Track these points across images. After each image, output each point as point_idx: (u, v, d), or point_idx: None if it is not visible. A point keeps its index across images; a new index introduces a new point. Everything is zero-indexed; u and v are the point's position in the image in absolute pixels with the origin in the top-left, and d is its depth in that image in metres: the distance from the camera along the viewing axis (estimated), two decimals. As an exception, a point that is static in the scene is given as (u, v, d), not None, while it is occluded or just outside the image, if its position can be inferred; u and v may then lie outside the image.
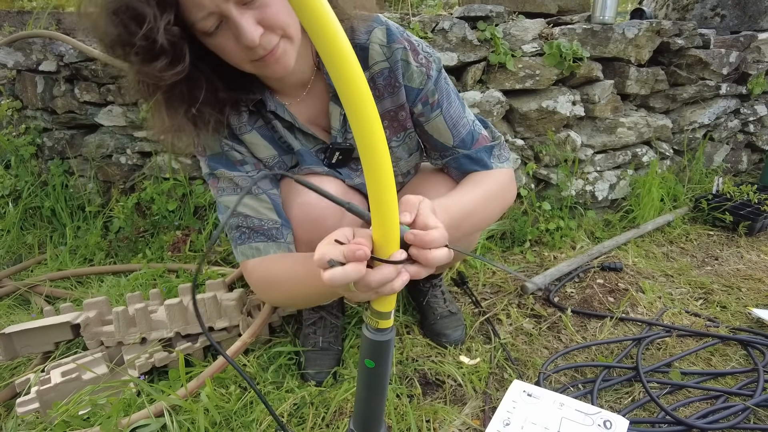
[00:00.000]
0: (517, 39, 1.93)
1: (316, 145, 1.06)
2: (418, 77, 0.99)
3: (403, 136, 1.08)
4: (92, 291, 1.75)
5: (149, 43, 0.71)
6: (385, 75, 0.98)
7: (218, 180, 1.01)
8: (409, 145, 1.12)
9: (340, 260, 0.53)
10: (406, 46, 0.96)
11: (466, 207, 0.91)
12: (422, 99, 1.01)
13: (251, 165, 1.02)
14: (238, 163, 1.01)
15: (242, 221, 0.99)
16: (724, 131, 2.50)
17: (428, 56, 1.00)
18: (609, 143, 2.11)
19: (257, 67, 0.83)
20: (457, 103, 1.05)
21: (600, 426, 1.04)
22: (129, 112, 2.07)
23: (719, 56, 2.24)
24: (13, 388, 1.23)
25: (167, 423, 1.04)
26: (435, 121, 1.04)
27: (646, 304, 1.56)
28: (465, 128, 1.05)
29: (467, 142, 1.05)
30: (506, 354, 1.33)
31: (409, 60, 0.97)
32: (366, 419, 0.66)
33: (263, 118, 1.01)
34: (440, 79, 1.02)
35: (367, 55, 0.96)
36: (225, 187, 1.01)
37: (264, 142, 1.02)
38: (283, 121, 1.01)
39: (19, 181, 2.19)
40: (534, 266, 1.82)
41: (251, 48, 0.78)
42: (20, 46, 2.11)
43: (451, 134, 1.05)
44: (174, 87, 0.81)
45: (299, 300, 0.93)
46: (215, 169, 1.00)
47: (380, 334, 0.59)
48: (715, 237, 2.09)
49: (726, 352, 1.34)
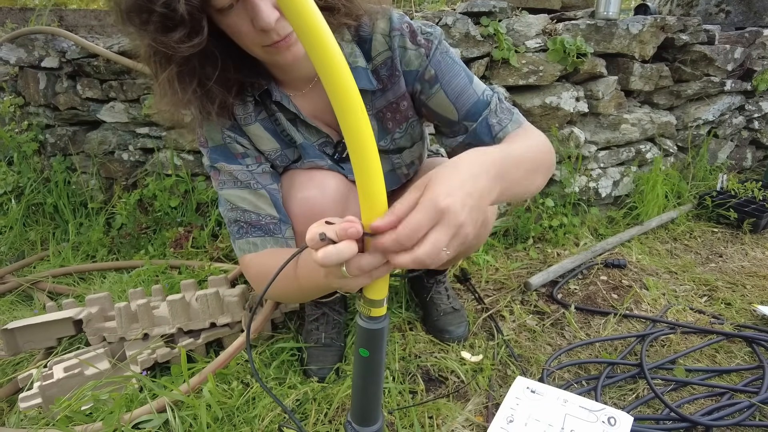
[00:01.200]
0: (520, 35, 1.92)
1: (319, 139, 1.05)
2: (416, 59, 0.96)
3: (406, 126, 1.07)
4: (95, 287, 1.75)
5: (169, 12, 0.70)
6: (388, 65, 0.97)
7: (219, 173, 1.01)
8: (412, 135, 1.10)
9: (332, 238, 0.51)
10: (404, 32, 0.94)
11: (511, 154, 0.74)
12: (419, 77, 0.98)
13: (252, 158, 1.01)
14: (239, 156, 1.00)
15: (240, 215, 0.99)
16: (728, 128, 2.49)
17: (427, 36, 0.96)
18: (613, 140, 2.10)
19: (268, 52, 0.82)
20: (462, 75, 0.98)
21: (604, 422, 1.03)
22: (131, 109, 2.06)
23: (724, 52, 2.23)
24: (15, 383, 1.23)
25: (169, 418, 1.04)
26: (436, 96, 0.99)
27: (650, 301, 1.56)
28: (470, 99, 0.98)
29: (474, 113, 0.98)
30: (509, 351, 1.33)
31: (406, 46, 0.95)
32: (363, 409, 0.65)
33: (267, 110, 1.00)
34: (437, 53, 0.97)
35: (370, 47, 0.96)
36: (225, 180, 1.00)
37: (267, 134, 1.01)
38: (287, 113, 1.01)
39: (22, 178, 2.20)
40: (537, 263, 1.81)
41: (265, 31, 0.77)
42: (22, 42, 2.11)
43: (454, 107, 0.98)
44: (188, 60, 0.80)
45: (294, 294, 0.91)
46: (216, 162, 1.00)
47: (374, 322, 0.59)
48: (720, 234, 2.08)
49: (731, 349, 1.33)
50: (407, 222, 0.51)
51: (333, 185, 1.03)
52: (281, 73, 0.96)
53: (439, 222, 0.52)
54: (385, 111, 1.02)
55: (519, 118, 0.98)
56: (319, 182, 1.02)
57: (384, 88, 0.99)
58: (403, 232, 0.51)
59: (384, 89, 0.99)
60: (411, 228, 0.51)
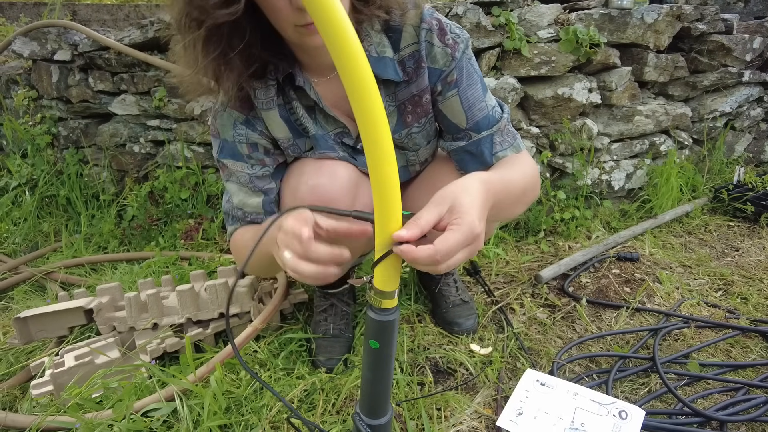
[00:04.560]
0: (532, 24, 1.89)
1: (336, 129, 1.04)
2: (441, 58, 0.97)
3: (425, 121, 1.07)
4: (106, 278, 1.77)
5: None
6: (415, 58, 0.97)
7: (226, 167, 1.06)
8: (428, 131, 1.10)
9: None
10: (433, 27, 0.95)
11: (507, 187, 0.87)
12: (442, 79, 0.99)
13: (256, 160, 1.04)
14: (244, 156, 1.03)
15: (230, 209, 1.09)
16: (746, 120, 2.43)
17: (456, 37, 0.97)
18: (626, 132, 2.06)
19: (299, 32, 0.81)
20: (478, 86, 1.02)
21: (615, 416, 1.01)
22: (142, 101, 2.08)
23: (742, 42, 2.17)
24: (28, 371, 1.25)
25: (178, 407, 1.04)
26: (450, 101, 1.01)
27: (663, 295, 1.53)
28: (481, 112, 1.02)
29: (482, 126, 1.03)
30: (519, 343, 1.32)
31: (432, 41, 0.95)
32: (372, 401, 0.65)
33: (284, 96, 1.00)
34: (463, 59, 0.99)
35: (399, 37, 0.95)
36: (229, 176, 1.07)
37: (282, 122, 1.01)
38: (307, 100, 1.00)
39: (36, 170, 2.22)
40: (548, 256, 1.79)
41: (302, 10, 0.76)
42: (35, 35, 2.13)
43: (465, 116, 1.02)
44: (219, 28, 0.79)
45: (260, 269, 1.07)
46: (223, 158, 1.05)
47: (384, 314, 0.58)
48: (736, 228, 2.04)
49: (747, 344, 1.30)
50: (446, 242, 0.59)
51: (344, 174, 1.03)
52: (307, 56, 0.95)
53: (471, 244, 0.62)
54: (406, 103, 1.02)
55: (519, 144, 1.07)
56: (329, 170, 1.02)
57: (409, 80, 0.99)
58: (442, 251, 0.58)
59: (409, 81, 0.99)
60: (449, 248, 0.59)
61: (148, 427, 1.02)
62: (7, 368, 1.31)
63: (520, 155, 1.05)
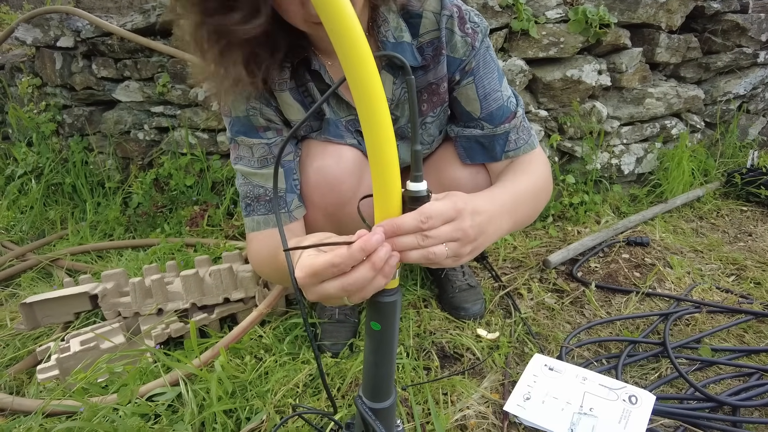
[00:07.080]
0: (540, 5, 1.84)
1: (348, 115, 1.02)
2: (462, 47, 0.95)
3: (440, 110, 1.05)
4: (112, 265, 1.77)
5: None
6: (435, 45, 0.95)
7: (238, 146, 1.00)
8: (441, 121, 1.08)
9: None
10: (454, 14, 0.93)
11: (517, 199, 0.88)
12: (461, 68, 0.98)
13: (273, 131, 0.99)
14: (260, 129, 0.98)
15: (250, 190, 1.00)
16: (760, 102, 2.37)
17: (475, 26, 0.96)
18: (636, 115, 2.01)
19: (311, 27, 0.79)
20: (495, 75, 1.00)
21: (625, 401, 1.00)
22: (146, 87, 2.06)
23: (758, 21, 2.11)
24: (35, 356, 1.25)
25: (182, 392, 1.04)
26: (465, 88, 1.00)
27: (674, 280, 1.50)
28: (496, 102, 1.00)
29: (495, 117, 1.01)
30: (527, 328, 1.30)
31: (453, 29, 0.94)
32: (374, 385, 0.63)
33: (298, 79, 0.98)
34: (482, 48, 0.98)
35: (419, 23, 0.93)
36: (243, 155, 1.00)
37: (295, 104, 0.99)
38: (321, 83, 0.98)
39: (41, 158, 2.22)
40: (556, 241, 1.77)
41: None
42: (38, 22, 2.12)
43: (479, 105, 1.00)
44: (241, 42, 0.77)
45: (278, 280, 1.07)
46: (236, 135, 0.99)
47: (385, 295, 0.56)
48: (749, 213, 1.99)
49: (760, 329, 1.27)
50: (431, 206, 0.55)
51: (349, 156, 1.02)
52: (322, 41, 0.93)
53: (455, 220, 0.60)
54: (423, 92, 1.00)
55: (534, 141, 1.04)
56: (335, 152, 1.01)
57: (427, 67, 0.97)
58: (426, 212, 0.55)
59: (426, 68, 0.97)
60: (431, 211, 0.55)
61: (153, 411, 1.02)
62: (14, 353, 1.32)
63: (532, 156, 1.03)
